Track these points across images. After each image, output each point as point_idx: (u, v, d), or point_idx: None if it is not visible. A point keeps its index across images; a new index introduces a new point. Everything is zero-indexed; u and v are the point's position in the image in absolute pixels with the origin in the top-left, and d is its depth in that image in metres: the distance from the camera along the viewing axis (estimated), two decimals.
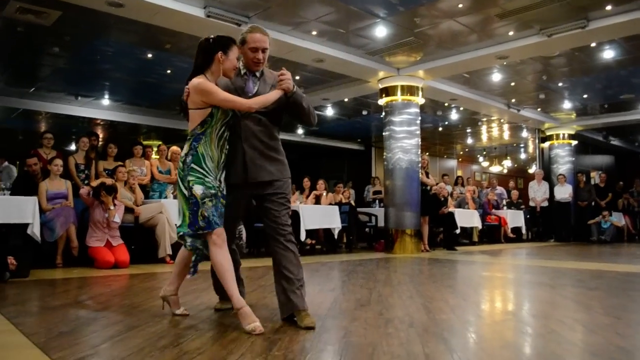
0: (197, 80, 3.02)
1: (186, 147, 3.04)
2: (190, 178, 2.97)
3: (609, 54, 8.80)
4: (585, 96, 11.78)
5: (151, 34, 7.71)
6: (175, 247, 6.76)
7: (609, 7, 6.97)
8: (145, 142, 14.24)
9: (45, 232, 6.16)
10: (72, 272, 5.74)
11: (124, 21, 7.06)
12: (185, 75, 3.24)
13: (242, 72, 3.21)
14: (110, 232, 6.33)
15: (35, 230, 5.93)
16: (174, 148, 8.21)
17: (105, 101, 12.07)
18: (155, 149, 9.01)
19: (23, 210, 5.94)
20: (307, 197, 9.67)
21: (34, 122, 14.04)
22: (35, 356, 2.22)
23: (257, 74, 3.22)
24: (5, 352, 2.33)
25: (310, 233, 8.59)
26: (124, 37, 8.01)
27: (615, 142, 17.02)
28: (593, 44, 8.34)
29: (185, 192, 2.99)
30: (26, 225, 5.94)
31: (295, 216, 8.20)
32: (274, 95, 3.06)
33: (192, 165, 2.98)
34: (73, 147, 14.98)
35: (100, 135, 12.54)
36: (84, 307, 3.52)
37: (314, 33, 7.84)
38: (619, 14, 7.09)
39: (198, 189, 2.94)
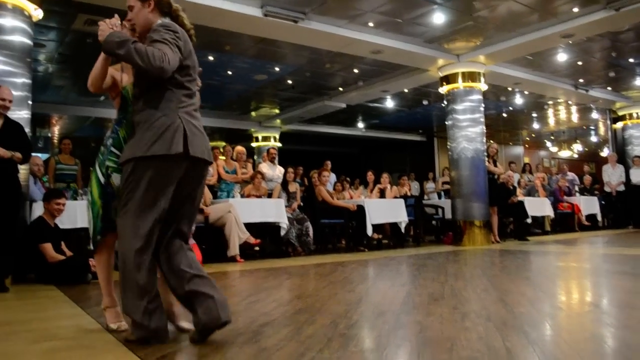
0: None
1: (108, 132, 2.85)
2: (109, 164, 2.72)
3: None
4: None
5: (211, 37, 7.88)
6: (242, 246, 6.89)
7: None
8: (210, 143, 14.62)
9: None
10: None
11: None
12: (247, 75, 3.38)
13: None
14: None
15: None
16: (239, 148, 8.37)
17: None
18: (221, 149, 9.20)
19: None
20: (372, 191, 9.63)
21: (104, 130, 14.67)
22: (122, 354, 2.32)
23: None
24: (95, 350, 2.44)
25: (376, 227, 8.55)
26: None
27: None
28: None
29: (102, 179, 2.72)
30: None
31: (361, 211, 8.19)
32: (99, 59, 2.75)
33: (112, 148, 2.74)
34: None
35: None
36: None
37: (371, 24, 7.78)
38: None
39: (116, 179, 2.67)
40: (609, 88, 12.43)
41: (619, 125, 14.11)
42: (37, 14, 5.83)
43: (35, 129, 13.65)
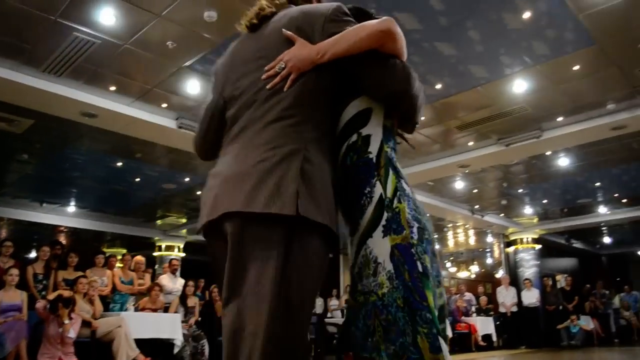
0: None
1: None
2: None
3: (564, 161, 9.24)
4: (545, 201, 12.19)
5: (122, 143, 7.83)
6: None
7: (560, 118, 7.42)
8: (109, 250, 14.00)
9: None
10: None
11: (97, 130, 7.18)
12: (155, 183, 3.17)
13: None
14: (63, 348, 5.97)
15: None
16: (138, 258, 8.03)
17: (71, 208, 11.95)
18: (119, 257, 8.80)
19: None
20: None
21: None
22: None
23: None
24: None
25: None
26: (95, 145, 8.11)
27: (577, 244, 17.42)
28: (548, 152, 8.76)
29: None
30: None
31: None
32: None
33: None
34: (34, 254, 14.56)
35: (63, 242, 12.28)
36: None
37: None
38: (570, 124, 7.55)
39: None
40: (502, 214, 13.38)
41: (511, 249, 15.04)
42: None
43: None
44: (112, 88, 6.34)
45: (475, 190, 11.08)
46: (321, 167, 1.44)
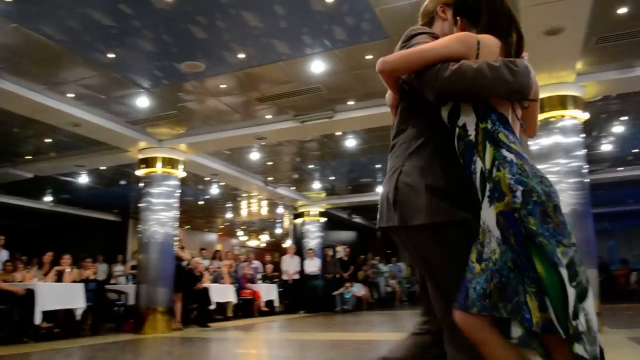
0: None
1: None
2: None
3: (351, 142, 9.99)
4: (332, 178, 13.08)
5: None
6: None
7: (351, 102, 7.98)
8: None
9: None
10: None
11: None
12: None
13: None
14: None
15: None
16: None
17: None
18: None
19: None
20: (47, 273, 8.68)
21: None
22: None
23: None
24: None
25: (49, 315, 7.64)
26: None
27: (357, 219, 19.07)
28: (339, 133, 9.39)
29: None
30: None
31: (31, 296, 7.25)
32: None
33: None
34: None
35: None
36: None
37: (71, 95, 7.38)
38: (359, 108, 8.15)
39: None
40: (293, 188, 14.03)
41: (299, 220, 15.90)
42: None
43: None
44: None
45: (270, 163, 11.43)
46: (419, 173, 1.74)
